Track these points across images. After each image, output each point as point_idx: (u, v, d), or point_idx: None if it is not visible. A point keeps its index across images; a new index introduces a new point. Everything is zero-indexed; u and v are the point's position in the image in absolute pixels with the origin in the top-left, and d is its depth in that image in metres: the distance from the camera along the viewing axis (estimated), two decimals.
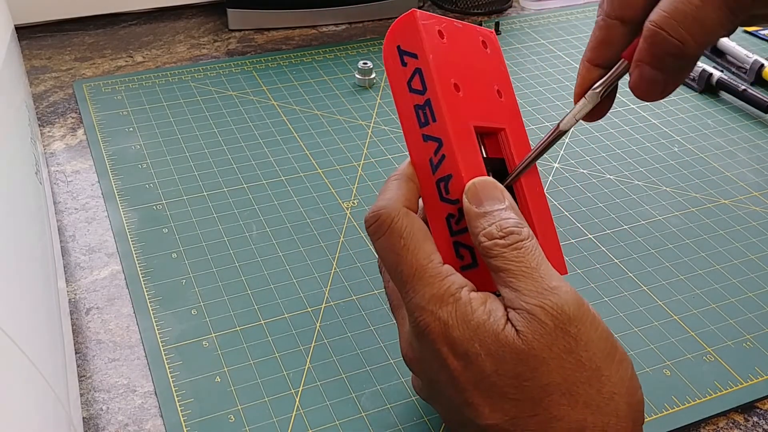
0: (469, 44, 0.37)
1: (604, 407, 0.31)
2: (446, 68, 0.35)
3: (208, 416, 0.41)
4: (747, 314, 0.49)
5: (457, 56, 0.36)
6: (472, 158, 0.35)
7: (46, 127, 0.63)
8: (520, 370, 0.31)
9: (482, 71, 0.37)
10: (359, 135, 0.63)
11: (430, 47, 0.35)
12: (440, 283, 0.33)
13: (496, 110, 0.37)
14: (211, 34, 0.77)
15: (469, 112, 0.35)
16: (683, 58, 0.31)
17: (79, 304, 0.48)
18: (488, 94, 0.37)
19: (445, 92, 0.34)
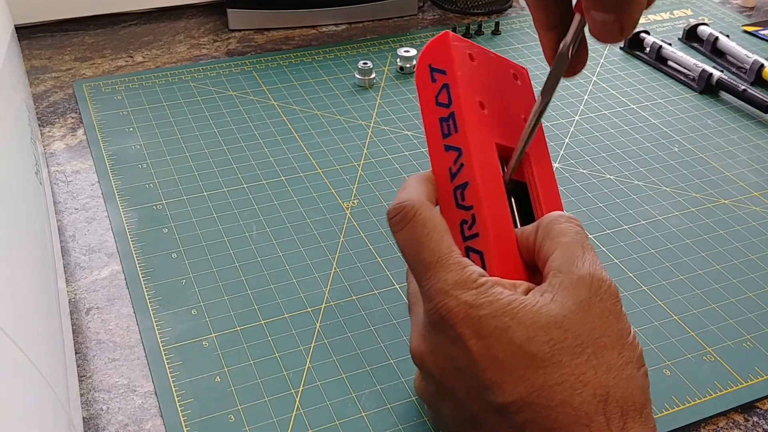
0: (498, 71, 0.40)
1: (624, 373, 0.32)
2: (473, 86, 0.38)
3: (208, 416, 0.41)
4: (747, 314, 0.49)
5: (485, 79, 0.39)
6: (490, 169, 0.37)
7: (46, 127, 0.63)
8: (554, 333, 0.32)
9: (510, 98, 0.40)
10: (359, 135, 0.63)
11: (459, 65, 0.37)
12: (462, 270, 0.34)
13: (520, 134, 0.39)
14: (211, 34, 0.77)
15: (492, 129, 0.38)
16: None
17: (79, 304, 0.48)
18: (514, 118, 0.39)
19: (469, 105, 0.37)
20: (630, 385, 0.32)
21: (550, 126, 0.65)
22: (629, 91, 0.71)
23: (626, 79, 0.73)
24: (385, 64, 0.72)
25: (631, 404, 0.32)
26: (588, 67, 0.74)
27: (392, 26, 0.80)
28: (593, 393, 0.31)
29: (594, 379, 0.32)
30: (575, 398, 0.31)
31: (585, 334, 0.32)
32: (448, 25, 0.80)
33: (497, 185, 0.37)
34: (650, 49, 0.74)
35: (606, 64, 0.75)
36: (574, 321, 0.32)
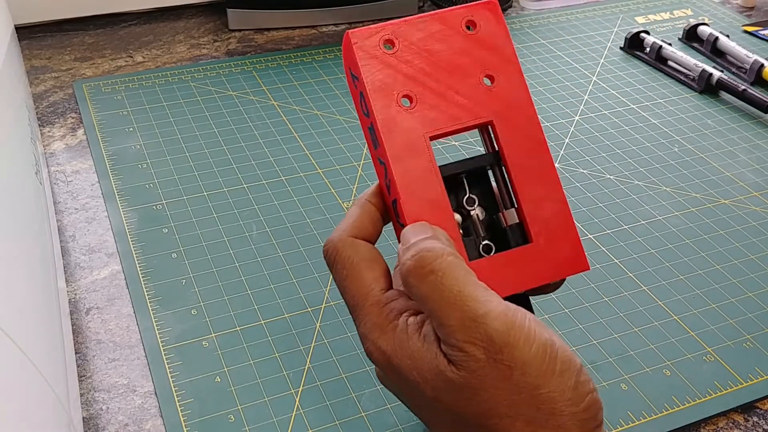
0: (439, 38, 0.35)
1: (546, 423, 0.30)
2: (392, 83, 0.34)
3: (208, 416, 0.41)
4: (747, 314, 0.49)
5: (415, 61, 0.35)
6: (419, 180, 0.34)
7: (46, 127, 0.63)
8: (456, 397, 0.31)
9: (459, 63, 0.35)
10: (359, 135, 0.63)
11: (367, 66, 0.34)
12: (379, 311, 0.33)
13: (477, 104, 0.35)
14: (211, 34, 0.77)
15: (426, 122, 0.34)
16: None
17: (79, 304, 0.48)
18: (466, 90, 0.35)
19: (384, 113, 0.34)
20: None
21: (550, 126, 0.65)
22: (629, 91, 0.71)
23: (626, 79, 0.73)
24: None
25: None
26: (588, 67, 0.74)
27: None
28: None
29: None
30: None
31: (490, 399, 0.30)
32: None
33: (430, 195, 0.34)
34: (650, 49, 0.74)
35: (606, 64, 0.75)
36: (475, 389, 0.30)
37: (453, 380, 0.31)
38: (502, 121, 0.35)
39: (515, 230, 0.35)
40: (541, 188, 0.35)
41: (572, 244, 0.35)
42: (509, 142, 0.35)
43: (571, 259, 0.34)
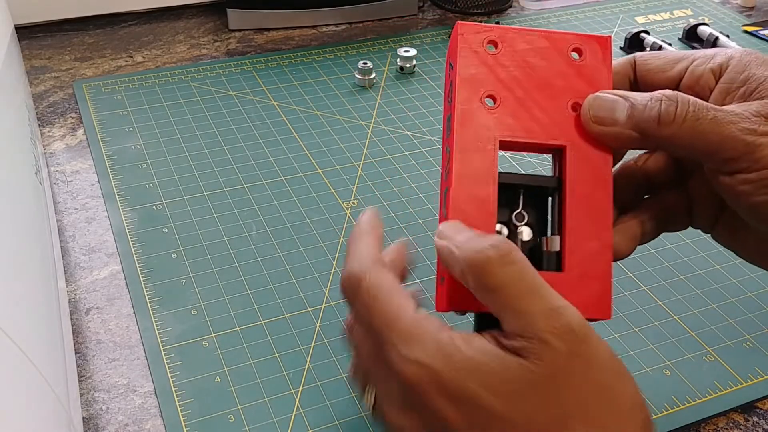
0: (542, 54, 0.35)
1: (619, 427, 0.29)
2: (482, 81, 0.35)
3: (208, 416, 0.41)
4: (747, 314, 0.49)
5: (511, 67, 0.35)
6: (475, 176, 0.33)
7: (46, 127, 0.63)
8: (534, 401, 0.28)
9: (552, 83, 0.35)
10: (359, 135, 0.63)
11: (464, 58, 0.35)
12: (418, 325, 0.31)
13: (557, 125, 0.35)
14: (211, 34, 0.77)
15: (501, 126, 0.34)
16: None
17: (79, 304, 0.48)
18: (550, 109, 0.35)
19: (465, 103, 0.34)
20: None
21: None
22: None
23: None
24: (385, 64, 0.72)
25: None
26: None
27: (392, 26, 0.80)
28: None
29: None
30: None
31: (571, 398, 0.28)
32: (448, 25, 0.80)
33: (481, 195, 0.33)
34: (650, 49, 0.74)
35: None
36: (557, 387, 0.28)
37: (532, 380, 0.28)
38: (574, 150, 0.35)
39: (552, 258, 0.34)
40: (590, 226, 0.34)
41: (601, 290, 0.34)
42: (575, 172, 0.34)
43: (595, 304, 0.33)
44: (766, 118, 0.32)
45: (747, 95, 0.34)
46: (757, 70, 0.34)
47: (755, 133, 0.32)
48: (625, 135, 0.33)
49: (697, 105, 0.32)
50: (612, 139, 0.34)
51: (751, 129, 0.32)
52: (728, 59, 0.35)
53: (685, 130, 0.32)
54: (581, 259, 0.34)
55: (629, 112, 0.33)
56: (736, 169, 0.32)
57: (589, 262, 0.34)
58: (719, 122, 0.32)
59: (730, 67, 0.35)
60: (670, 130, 0.32)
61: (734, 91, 0.34)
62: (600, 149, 0.35)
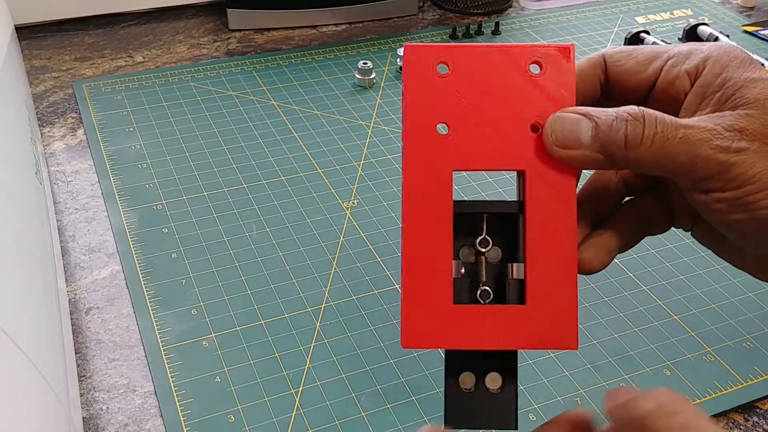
0: (499, 72, 0.33)
1: None
2: (434, 107, 0.32)
3: (208, 416, 0.41)
4: (747, 314, 0.49)
5: (465, 90, 0.33)
6: (429, 210, 0.32)
7: (46, 127, 0.63)
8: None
9: (511, 103, 0.33)
10: (359, 135, 0.63)
11: (412, 85, 0.32)
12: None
13: (516, 148, 0.33)
14: (211, 34, 0.78)
15: (455, 155, 0.32)
16: None
17: (79, 304, 0.48)
18: (508, 132, 0.33)
19: (415, 135, 0.32)
20: None
21: None
22: None
23: None
24: (385, 64, 0.72)
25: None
26: None
27: (392, 26, 0.80)
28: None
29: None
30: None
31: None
32: (448, 25, 0.80)
33: (435, 230, 0.32)
34: None
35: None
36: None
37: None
38: (535, 173, 0.33)
39: (515, 285, 0.33)
40: (553, 254, 0.32)
41: (566, 320, 0.32)
42: (536, 197, 0.32)
43: (560, 334, 0.32)
44: (740, 133, 0.30)
45: (722, 102, 0.32)
46: (734, 73, 0.32)
47: (728, 151, 0.30)
48: (590, 158, 0.31)
49: (665, 124, 0.30)
50: (577, 162, 0.31)
51: (725, 146, 0.30)
52: (704, 60, 0.33)
53: (654, 151, 0.30)
54: (544, 291, 0.32)
55: (593, 133, 0.31)
56: (709, 188, 0.31)
57: (552, 293, 0.32)
58: (690, 141, 0.30)
59: (706, 68, 0.33)
60: (637, 153, 0.30)
61: (709, 96, 0.32)
62: (563, 170, 0.33)
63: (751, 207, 0.30)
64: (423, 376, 0.43)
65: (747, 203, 0.30)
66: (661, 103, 0.33)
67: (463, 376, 0.32)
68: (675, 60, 0.33)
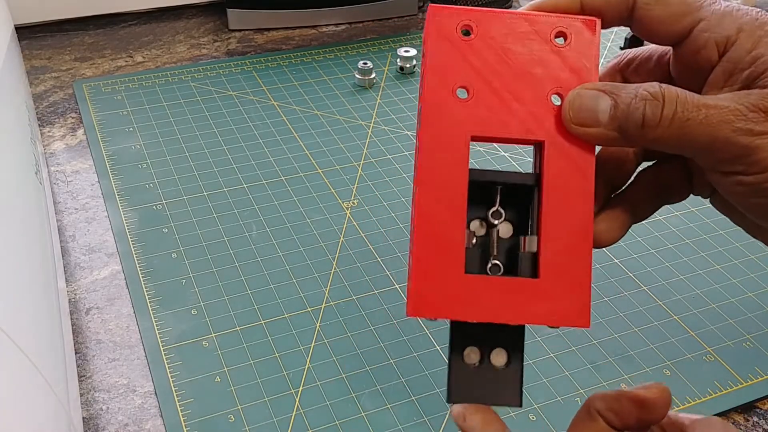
0: (522, 39, 0.32)
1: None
2: (455, 70, 0.32)
3: (208, 416, 0.41)
4: (747, 314, 0.49)
5: (488, 55, 0.32)
6: (443, 175, 0.31)
7: (46, 127, 0.63)
8: None
9: (533, 71, 0.32)
10: (359, 135, 0.63)
11: (434, 46, 0.32)
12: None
13: (536, 118, 0.32)
14: (211, 34, 0.77)
15: (474, 121, 0.32)
16: None
17: (79, 304, 0.48)
18: (529, 101, 0.32)
19: (434, 97, 0.32)
20: None
21: None
22: None
23: None
24: (385, 64, 0.72)
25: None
26: None
27: (392, 26, 0.80)
28: None
29: None
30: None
31: None
32: None
33: (449, 196, 0.31)
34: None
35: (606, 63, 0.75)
36: None
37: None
38: (553, 145, 0.32)
39: (527, 259, 0.32)
40: (569, 228, 0.32)
41: (579, 297, 0.32)
42: (554, 169, 0.32)
43: (572, 312, 0.32)
44: (765, 113, 0.29)
45: (752, 80, 0.30)
46: (766, 50, 0.30)
47: (751, 134, 0.28)
48: (608, 136, 0.30)
49: (686, 103, 0.29)
50: (593, 139, 0.31)
51: (747, 129, 0.28)
52: (738, 31, 0.30)
53: (673, 131, 0.29)
54: (558, 266, 0.32)
55: (612, 112, 0.30)
56: (730, 170, 0.30)
57: (566, 268, 0.32)
58: (710, 122, 0.29)
59: (738, 41, 0.30)
60: (655, 133, 0.29)
61: (738, 73, 0.30)
62: (582, 144, 0.32)
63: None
64: (423, 376, 0.43)
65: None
66: (685, 65, 0.32)
67: (468, 351, 0.31)
68: (706, 24, 0.31)
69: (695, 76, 0.31)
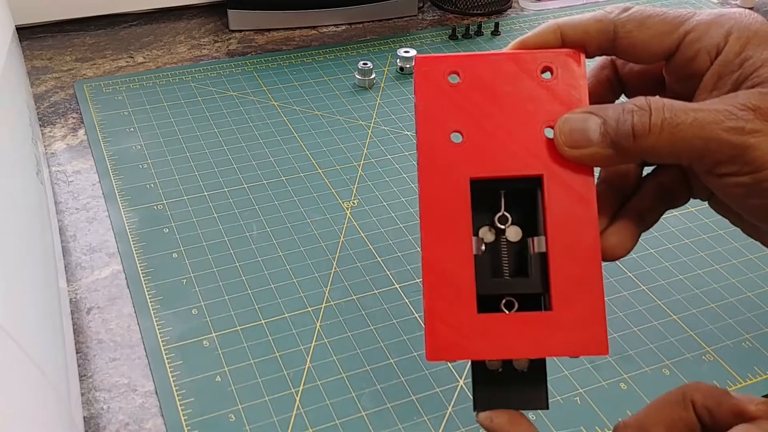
0: (510, 79, 0.33)
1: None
2: (447, 116, 0.33)
3: (209, 415, 0.41)
4: (746, 314, 0.49)
5: (477, 98, 0.33)
6: (448, 218, 0.32)
7: (47, 128, 0.63)
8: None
9: (524, 108, 0.33)
10: (359, 135, 0.63)
11: (424, 94, 0.33)
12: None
13: (532, 153, 0.33)
14: (211, 34, 0.78)
15: (471, 163, 0.32)
16: None
17: (80, 304, 0.48)
18: (523, 138, 0.33)
19: (429, 144, 0.32)
20: None
21: None
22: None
23: None
24: (385, 64, 0.72)
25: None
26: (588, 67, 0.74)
27: (392, 27, 0.80)
28: None
29: None
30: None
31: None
32: (448, 25, 0.80)
33: (456, 242, 0.32)
34: None
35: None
36: None
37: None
38: (552, 178, 0.32)
39: (537, 260, 0.32)
40: (577, 257, 0.32)
41: (595, 325, 0.32)
42: (555, 201, 0.32)
43: (590, 340, 0.32)
44: (754, 112, 0.28)
45: (740, 82, 0.30)
46: (755, 51, 0.30)
47: (743, 132, 0.28)
48: (602, 154, 0.30)
49: (674, 109, 0.29)
50: (589, 160, 0.31)
51: (738, 128, 0.28)
52: (726, 36, 0.31)
53: (664, 138, 0.29)
54: (571, 296, 0.32)
55: (602, 129, 0.30)
56: (725, 172, 0.29)
57: (579, 297, 0.32)
58: (701, 124, 0.28)
59: (727, 45, 0.30)
60: (647, 142, 0.29)
61: (727, 76, 0.30)
62: (580, 171, 0.32)
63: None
64: (423, 376, 0.44)
65: (765, 188, 0.29)
66: (678, 76, 0.32)
67: None
68: (694, 35, 0.31)
69: (689, 84, 0.32)
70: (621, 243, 0.34)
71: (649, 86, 0.34)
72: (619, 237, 0.34)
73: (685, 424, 0.30)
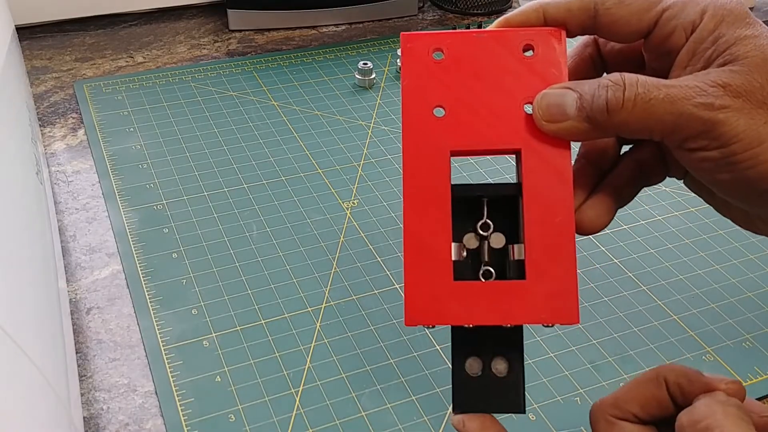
0: (492, 56, 0.34)
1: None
2: (430, 91, 0.34)
3: (209, 416, 0.41)
4: (746, 314, 0.49)
5: (460, 74, 0.34)
6: (427, 193, 0.33)
7: (46, 128, 0.63)
8: None
9: (504, 84, 0.34)
10: (359, 135, 0.63)
11: (409, 70, 0.34)
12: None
13: (511, 128, 0.34)
14: (211, 34, 0.78)
15: (452, 137, 0.33)
16: None
17: (80, 304, 0.48)
18: (503, 113, 0.34)
19: (413, 118, 0.33)
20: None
21: None
22: None
23: None
24: (385, 64, 0.72)
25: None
26: None
27: (392, 27, 0.80)
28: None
29: None
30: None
31: None
32: (448, 25, 0.80)
33: (435, 213, 0.33)
34: None
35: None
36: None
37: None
38: (530, 151, 0.33)
39: (516, 266, 0.33)
40: (551, 229, 0.33)
41: (567, 295, 0.33)
42: (532, 175, 0.33)
43: (561, 309, 0.33)
44: (723, 88, 0.29)
45: (712, 59, 0.30)
46: (727, 30, 0.30)
47: (712, 108, 0.29)
48: (578, 128, 0.31)
49: (647, 85, 0.30)
50: (566, 134, 0.32)
51: (708, 103, 0.29)
52: (701, 14, 0.31)
53: (637, 113, 0.30)
54: (544, 266, 0.33)
55: (578, 104, 0.31)
56: (695, 147, 0.30)
57: (552, 268, 0.33)
58: (672, 100, 0.29)
59: (702, 22, 0.31)
60: (620, 117, 0.30)
61: (701, 53, 0.31)
62: (557, 146, 0.33)
63: (736, 167, 0.30)
64: (423, 376, 0.44)
65: (732, 162, 0.30)
66: (655, 53, 0.33)
67: (470, 361, 0.33)
68: (671, 12, 0.32)
69: (666, 61, 0.32)
70: (598, 217, 0.34)
71: (630, 64, 0.34)
72: (596, 211, 0.34)
73: (658, 402, 0.31)
